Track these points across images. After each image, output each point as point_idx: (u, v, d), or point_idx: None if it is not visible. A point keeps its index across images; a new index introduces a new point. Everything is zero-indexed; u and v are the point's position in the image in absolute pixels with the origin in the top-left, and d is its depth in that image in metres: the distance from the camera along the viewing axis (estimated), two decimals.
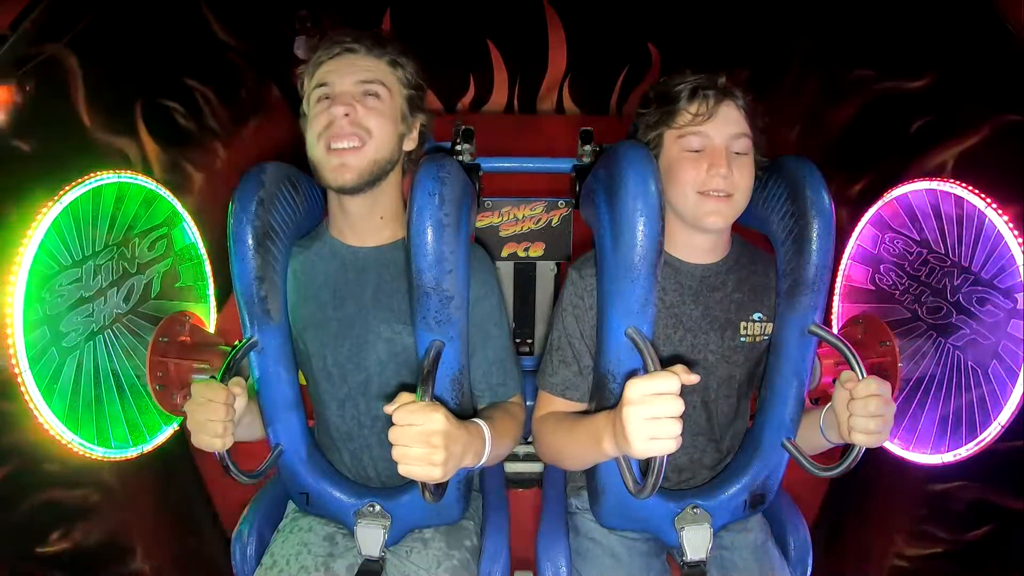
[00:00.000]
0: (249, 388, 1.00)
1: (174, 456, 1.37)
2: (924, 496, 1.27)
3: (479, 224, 1.53)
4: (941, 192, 1.13)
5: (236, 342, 1.01)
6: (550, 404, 1.09)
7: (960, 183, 1.09)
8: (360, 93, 0.98)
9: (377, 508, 1.06)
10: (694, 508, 1.06)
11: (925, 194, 1.16)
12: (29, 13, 0.98)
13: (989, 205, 1.04)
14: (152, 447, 1.19)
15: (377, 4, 2.45)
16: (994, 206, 1.03)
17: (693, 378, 0.77)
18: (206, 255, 1.35)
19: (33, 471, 1.03)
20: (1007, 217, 1.01)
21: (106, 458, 1.08)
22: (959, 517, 1.20)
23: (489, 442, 0.94)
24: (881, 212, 1.26)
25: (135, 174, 1.16)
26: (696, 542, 1.05)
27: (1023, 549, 1.09)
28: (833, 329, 1.24)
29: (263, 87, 1.80)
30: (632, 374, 0.89)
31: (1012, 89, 1.10)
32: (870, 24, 1.53)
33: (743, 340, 1.08)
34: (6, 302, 0.91)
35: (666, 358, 1.04)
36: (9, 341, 0.92)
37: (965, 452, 1.08)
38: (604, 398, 0.98)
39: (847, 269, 1.36)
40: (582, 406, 1.07)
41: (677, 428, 0.75)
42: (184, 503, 1.46)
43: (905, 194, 1.20)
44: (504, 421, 1.04)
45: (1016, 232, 1.00)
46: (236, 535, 1.15)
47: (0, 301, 0.91)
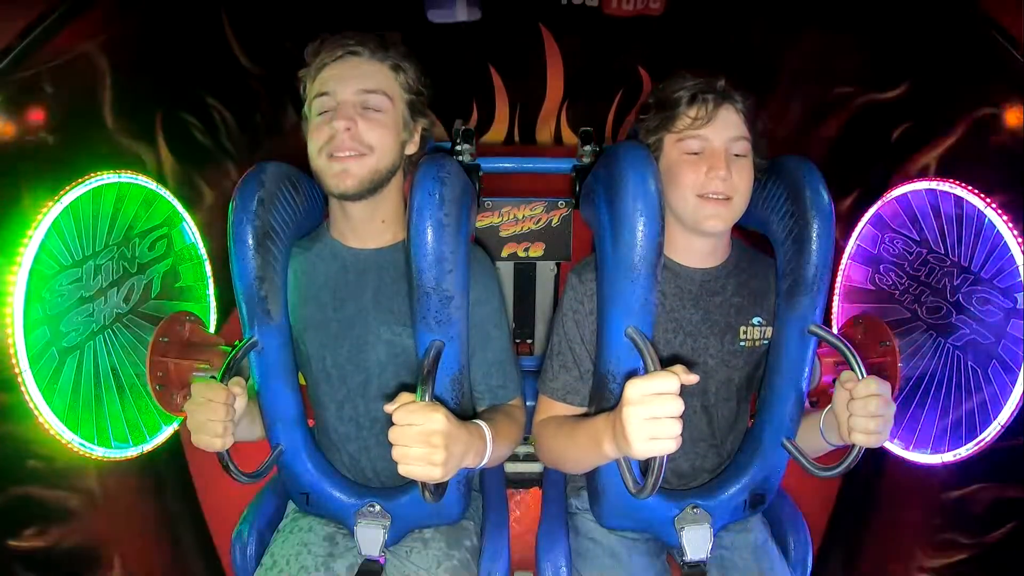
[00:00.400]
0: (249, 388, 1.00)
1: (165, 463, 1.37)
2: (938, 504, 1.24)
3: (479, 224, 1.53)
4: (941, 192, 1.13)
5: (236, 342, 1.01)
6: (551, 408, 1.09)
7: (961, 183, 1.09)
8: (361, 105, 0.98)
9: (377, 508, 1.06)
10: (694, 508, 1.06)
11: (925, 194, 1.16)
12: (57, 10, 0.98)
13: (989, 205, 1.04)
14: (152, 447, 1.19)
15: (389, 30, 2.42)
16: (994, 206, 1.03)
17: (693, 378, 0.77)
18: (207, 260, 1.36)
19: (19, 467, 1.01)
20: (1007, 217, 1.02)
21: (106, 458, 1.08)
22: (977, 520, 1.17)
23: (490, 443, 0.94)
24: (881, 212, 1.27)
25: (135, 174, 1.16)
26: (696, 542, 1.05)
27: None
28: (833, 329, 1.23)
29: (279, 111, 1.80)
30: (632, 374, 0.89)
31: (985, 82, 1.10)
32: (847, 42, 1.54)
33: (742, 344, 1.08)
34: (6, 302, 0.91)
35: (666, 360, 1.04)
36: (9, 341, 0.92)
37: (965, 452, 1.08)
38: (604, 399, 0.98)
39: (847, 269, 1.36)
40: (582, 410, 1.07)
41: (677, 428, 0.75)
42: (173, 511, 1.46)
43: (905, 194, 1.20)
44: (504, 423, 1.04)
45: (1016, 232, 1.00)
46: (236, 535, 1.15)
47: (0, 301, 0.91)
